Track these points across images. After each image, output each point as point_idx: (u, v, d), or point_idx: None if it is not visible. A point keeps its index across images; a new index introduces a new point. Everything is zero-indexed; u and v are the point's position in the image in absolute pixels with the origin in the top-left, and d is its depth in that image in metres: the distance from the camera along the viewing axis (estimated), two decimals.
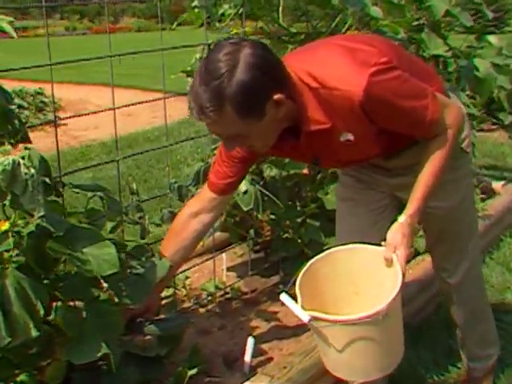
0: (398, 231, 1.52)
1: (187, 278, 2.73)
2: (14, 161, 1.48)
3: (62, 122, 6.91)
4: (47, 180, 1.61)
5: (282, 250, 2.75)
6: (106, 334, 1.72)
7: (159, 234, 3.20)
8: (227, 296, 2.59)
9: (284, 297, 1.52)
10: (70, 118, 2.21)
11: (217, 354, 2.23)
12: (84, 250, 1.62)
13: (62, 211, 1.89)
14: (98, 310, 1.73)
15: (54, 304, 1.82)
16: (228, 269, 2.80)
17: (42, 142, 6.61)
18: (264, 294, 2.66)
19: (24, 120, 6.22)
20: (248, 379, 2.01)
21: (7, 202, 1.52)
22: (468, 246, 1.89)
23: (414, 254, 2.82)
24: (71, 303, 1.80)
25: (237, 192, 2.27)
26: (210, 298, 2.54)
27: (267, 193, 2.23)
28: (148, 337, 1.90)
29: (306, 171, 2.65)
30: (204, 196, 1.82)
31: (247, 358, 2.10)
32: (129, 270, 1.84)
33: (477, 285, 2.01)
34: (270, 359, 2.19)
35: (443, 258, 1.92)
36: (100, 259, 1.61)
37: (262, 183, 2.33)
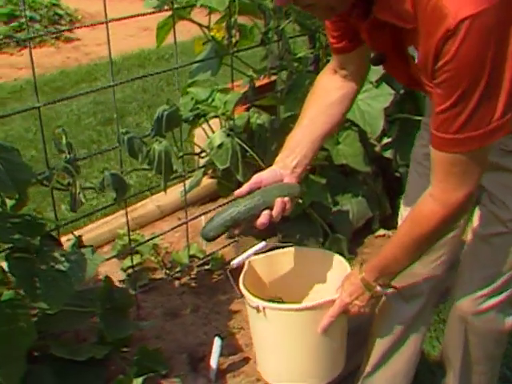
0: (349, 276, 1.34)
1: (162, 240, 2.27)
2: None
3: (76, 36, 6.37)
4: None
5: None
6: (7, 347, 1.29)
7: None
8: (207, 267, 2.12)
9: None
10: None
11: (182, 348, 1.79)
12: None
13: None
14: None
15: None
16: None
17: (50, 58, 6.14)
18: None
19: (33, 34, 5.70)
20: None
21: None
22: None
23: None
24: None
25: (210, 146, 1.76)
26: (186, 269, 2.08)
27: (246, 148, 1.69)
28: None
29: None
30: (333, 58, 1.38)
31: (213, 362, 1.65)
32: (51, 263, 1.38)
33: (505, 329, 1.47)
34: (246, 360, 1.73)
35: (475, 282, 1.39)
36: None
37: (246, 135, 1.79)
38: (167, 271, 2.10)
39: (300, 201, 2.18)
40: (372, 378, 1.56)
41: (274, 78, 2.16)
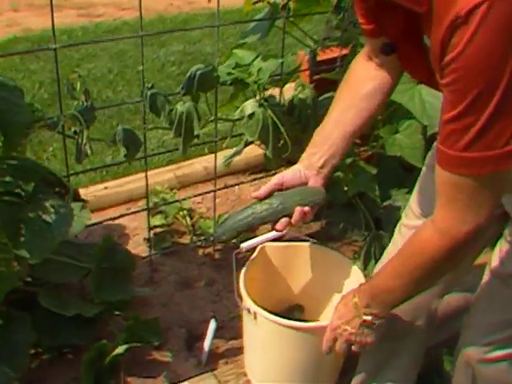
0: (345, 297, 1.18)
1: (199, 203, 2.19)
2: None
3: None
4: None
5: (329, 193, 2.09)
6: None
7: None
8: (234, 240, 2.00)
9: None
10: None
11: (183, 322, 1.70)
12: None
13: None
14: None
15: None
16: None
17: (155, 2, 6.13)
18: None
19: None
20: (193, 376, 1.49)
21: None
22: None
23: None
24: None
25: (241, 115, 1.62)
26: (212, 239, 1.97)
27: (276, 120, 1.53)
28: None
29: None
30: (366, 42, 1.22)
31: (206, 345, 1.55)
32: (39, 212, 1.32)
33: None
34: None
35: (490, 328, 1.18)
36: None
37: (285, 107, 1.63)
38: (193, 238, 2.01)
39: (345, 188, 2.01)
40: None
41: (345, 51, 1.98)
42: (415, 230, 1.01)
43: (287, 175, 1.20)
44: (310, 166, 1.19)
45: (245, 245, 1.47)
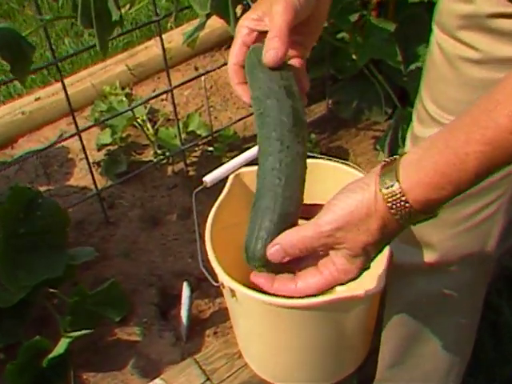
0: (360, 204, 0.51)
1: (163, 100, 1.67)
2: None
3: None
4: None
5: (332, 64, 1.56)
6: None
7: None
8: (211, 148, 1.49)
9: None
10: None
11: (154, 276, 1.25)
12: None
13: None
14: None
15: None
16: None
17: None
18: None
19: None
20: (170, 364, 1.06)
21: None
22: None
23: None
24: None
25: None
26: (181, 152, 1.47)
27: None
28: None
29: None
30: None
31: (183, 316, 1.10)
32: None
33: None
34: None
35: None
36: None
37: None
38: (158, 152, 1.50)
39: (354, 57, 1.46)
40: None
41: None
42: None
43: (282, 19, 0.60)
44: None
45: (210, 177, 0.97)
